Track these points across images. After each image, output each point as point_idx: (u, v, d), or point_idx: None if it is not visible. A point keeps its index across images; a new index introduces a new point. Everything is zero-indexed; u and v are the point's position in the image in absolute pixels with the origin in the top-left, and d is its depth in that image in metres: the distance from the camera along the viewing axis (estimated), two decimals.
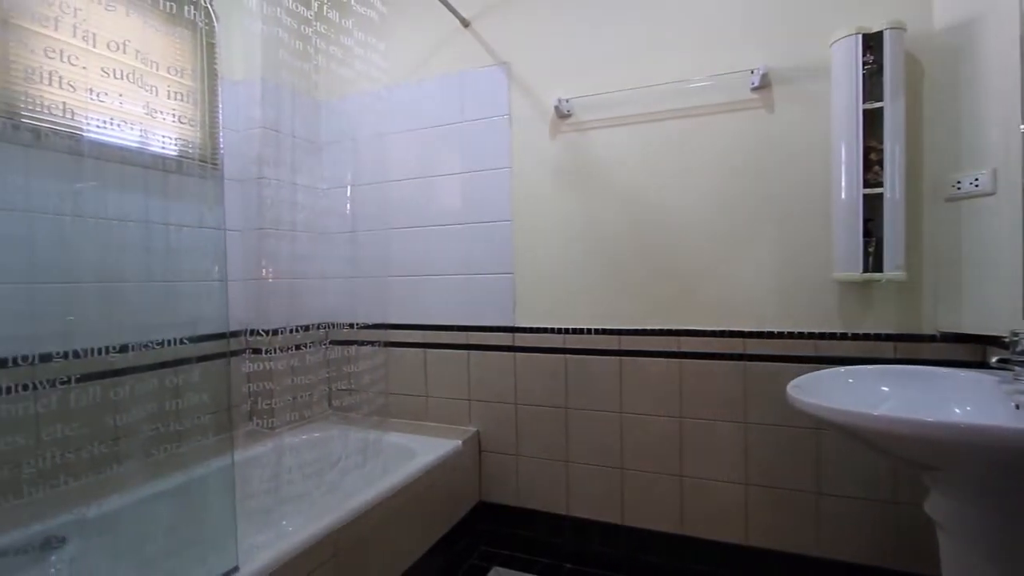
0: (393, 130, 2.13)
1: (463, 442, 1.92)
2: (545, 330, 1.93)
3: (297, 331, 1.67)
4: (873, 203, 1.45)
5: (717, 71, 1.65)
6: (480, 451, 2.04)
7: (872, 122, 1.45)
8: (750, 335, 1.66)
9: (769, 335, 1.64)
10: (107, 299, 1.26)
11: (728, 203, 1.69)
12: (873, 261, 1.47)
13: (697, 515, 1.74)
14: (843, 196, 1.48)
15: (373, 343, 1.88)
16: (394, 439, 1.90)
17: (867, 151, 1.46)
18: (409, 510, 1.62)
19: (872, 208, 1.46)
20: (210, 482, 1.30)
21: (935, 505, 1.09)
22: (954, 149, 1.42)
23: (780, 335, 1.63)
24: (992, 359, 1.13)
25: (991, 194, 1.31)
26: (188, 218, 1.43)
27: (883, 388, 1.28)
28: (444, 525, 1.81)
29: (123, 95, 1.13)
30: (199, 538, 1.23)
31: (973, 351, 1.44)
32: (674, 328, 1.75)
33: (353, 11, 1.66)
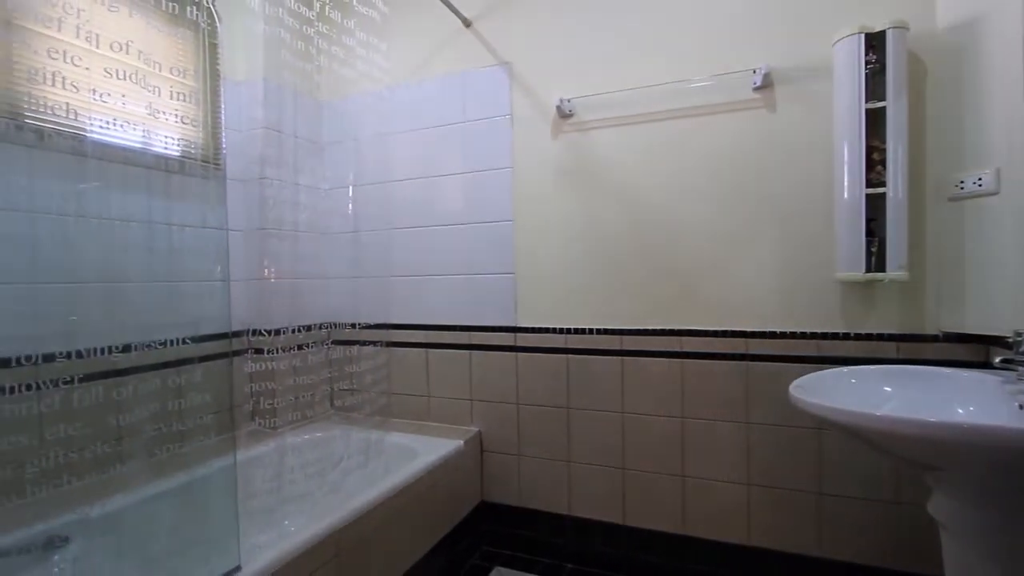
0: (395, 130, 2.13)
1: (465, 442, 1.93)
2: (547, 330, 1.93)
3: (299, 331, 1.68)
4: (876, 203, 1.45)
5: (719, 71, 1.65)
6: (482, 451, 2.04)
7: (875, 122, 1.45)
8: (752, 335, 1.66)
9: (771, 335, 1.63)
10: (110, 299, 1.27)
11: (730, 203, 1.68)
12: (876, 261, 1.46)
13: (699, 515, 1.74)
14: (846, 196, 1.48)
15: (375, 343, 1.88)
16: (396, 439, 1.90)
17: (870, 151, 1.46)
18: (411, 510, 1.62)
19: (875, 208, 1.45)
20: (212, 482, 1.31)
21: (938, 505, 1.08)
22: (957, 148, 1.42)
23: (782, 335, 1.62)
24: (995, 359, 1.13)
25: (994, 194, 1.30)
26: (190, 218, 1.44)
27: (886, 388, 1.28)
28: (446, 525, 1.81)
29: (126, 96, 1.14)
30: (201, 538, 1.24)
31: (976, 351, 1.43)
32: (676, 328, 1.75)
33: (355, 11, 1.67)
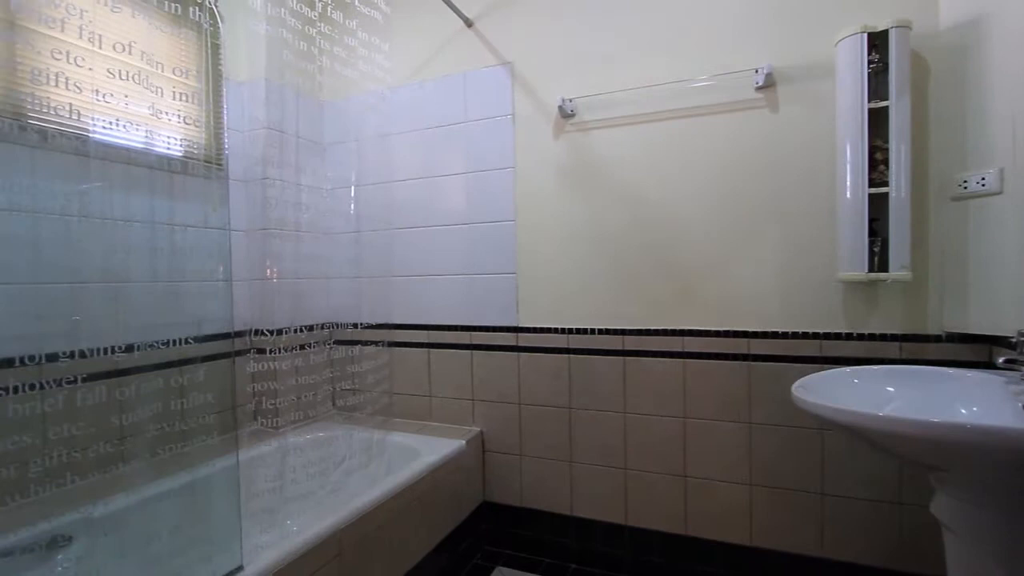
0: (397, 130, 2.13)
1: (467, 442, 1.93)
2: (548, 330, 1.93)
3: (301, 331, 1.68)
4: (878, 202, 1.45)
5: (721, 70, 1.65)
6: (484, 451, 2.04)
7: (877, 121, 1.44)
8: (754, 335, 1.65)
9: (773, 335, 1.63)
10: (113, 299, 1.27)
11: (732, 203, 1.68)
12: (878, 261, 1.46)
13: (701, 515, 1.74)
14: (848, 195, 1.47)
15: (377, 343, 1.89)
16: (398, 439, 1.90)
17: (872, 150, 1.45)
18: (413, 510, 1.62)
19: (877, 207, 1.45)
20: (215, 481, 1.31)
21: (941, 506, 1.08)
22: (960, 148, 1.42)
23: (784, 335, 1.62)
24: (999, 359, 1.13)
25: (998, 193, 1.30)
26: (193, 218, 1.44)
27: (889, 388, 1.28)
28: (448, 525, 1.81)
29: (129, 96, 1.14)
30: (204, 537, 1.24)
31: (979, 351, 1.43)
32: (678, 328, 1.75)
33: (357, 12, 1.67)
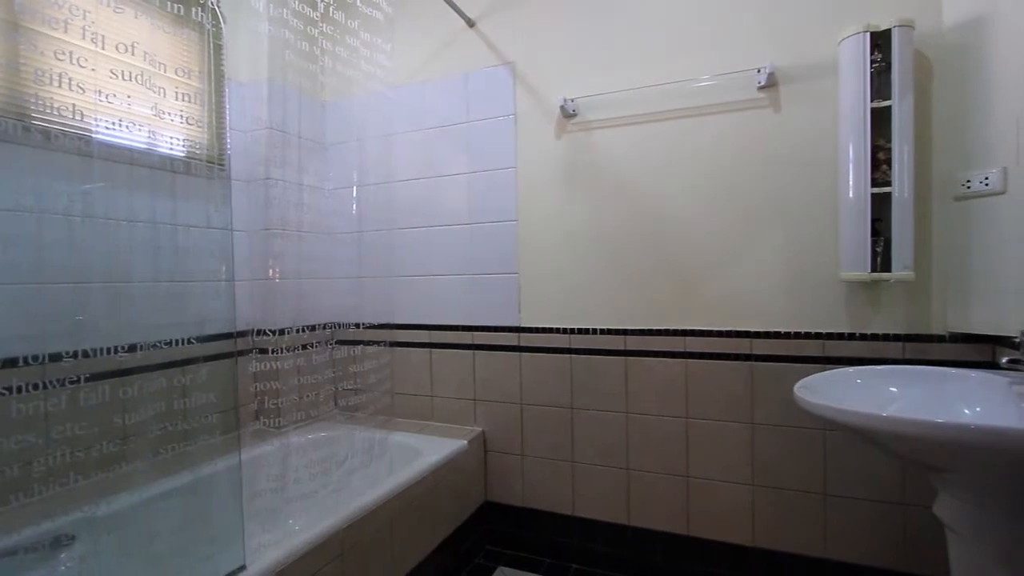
0: (398, 130, 2.13)
1: (468, 442, 1.93)
2: (550, 330, 1.93)
3: (303, 331, 1.68)
4: (881, 202, 1.44)
5: (723, 70, 1.65)
6: (486, 451, 2.04)
7: (880, 121, 1.44)
8: (756, 335, 1.65)
9: (776, 335, 1.63)
10: (116, 299, 1.27)
11: (734, 203, 1.68)
12: (881, 261, 1.46)
13: (703, 516, 1.73)
14: (851, 195, 1.47)
15: (379, 343, 1.89)
16: (400, 439, 1.91)
17: (875, 150, 1.45)
18: (415, 510, 1.62)
19: (880, 207, 1.45)
20: (217, 481, 1.31)
21: (944, 507, 1.08)
22: (963, 147, 1.41)
23: (787, 335, 1.62)
24: (1002, 359, 1.13)
25: (1001, 193, 1.29)
26: (195, 219, 1.44)
27: (892, 389, 1.28)
28: (450, 525, 1.82)
29: (131, 97, 1.14)
30: (206, 536, 1.24)
31: (983, 351, 1.43)
32: (680, 328, 1.75)
33: (359, 12, 1.67)
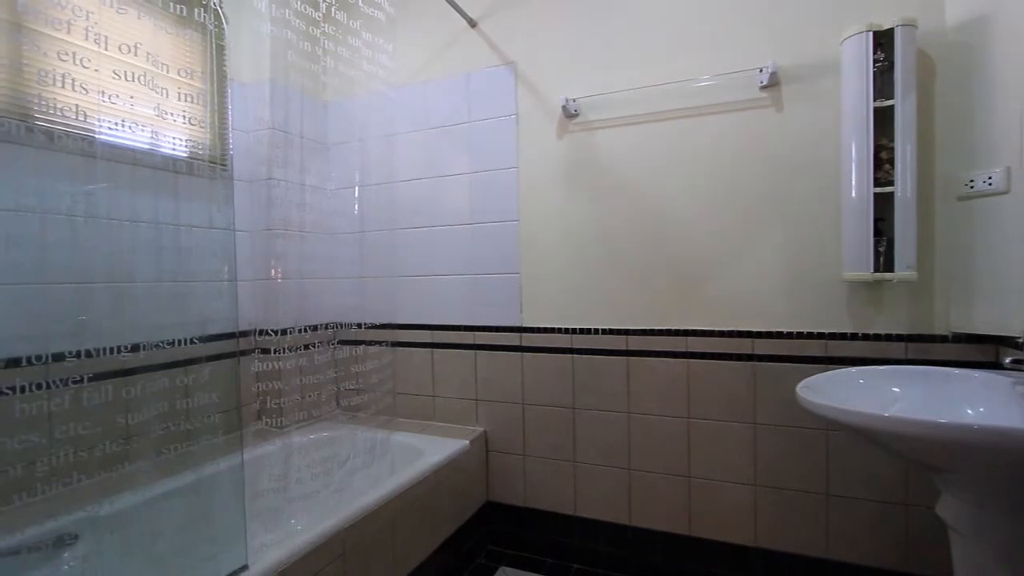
0: (400, 130, 2.14)
1: (470, 442, 1.93)
2: (552, 330, 1.93)
3: (305, 331, 1.68)
4: (884, 202, 1.44)
5: (725, 69, 1.64)
6: (487, 451, 2.04)
7: (883, 120, 1.43)
8: (759, 335, 1.65)
9: (778, 335, 1.63)
10: (118, 299, 1.27)
11: (736, 203, 1.68)
12: (884, 261, 1.45)
13: (705, 516, 1.73)
14: (853, 195, 1.47)
15: (381, 343, 1.89)
16: (401, 439, 1.91)
17: (878, 149, 1.44)
18: (417, 510, 1.62)
19: (883, 207, 1.44)
20: (220, 481, 1.31)
21: (947, 508, 1.07)
22: (967, 147, 1.41)
23: (789, 335, 1.61)
24: (1005, 360, 1.12)
25: (1005, 192, 1.29)
26: (198, 219, 1.44)
27: (894, 389, 1.27)
28: (451, 525, 1.82)
29: (134, 97, 1.15)
30: (209, 536, 1.25)
31: (986, 352, 1.42)
32: (682, 328, 1.74)
33: (361, 12, 1.67)
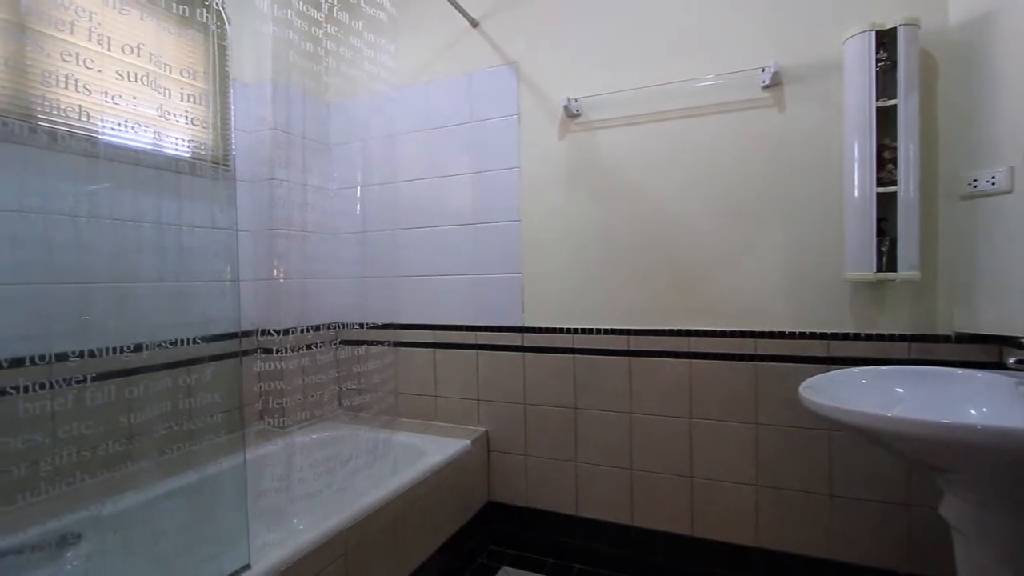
0: (402, 130, 2.14)
1: (472, 442, 1.93)
2: (554, 330, 1.93)
3: (308, 331, 1.68)
4: (886, 202, 1.44)
5: (727, 69, 1.64)
6: (489, 451, 2.04)
7: (885, 120, 1.43)
8: (761, 335, 1.64)
9: (780, 335, 1.62)
10: (121, 299, 1.28)
11: (738, 202, 1.67)
12: (887, 260, 1.45)
13: (707, 516, 1.73)
14: (856, 195, 1.46)
15: (383, 343, 1.89)
16: (403, 439, 1.91)
17: (880, 149, 1.44)
18: (418, 510, 1.62)
19: (885, 207, 1.44)
20: (222, 480, 1.31)
21: (950, 508, 1.07)
22: (970, 146, 1.40)
23: (791, 335, 1.61)
24: (1009, 360, 1.12)
25: (1008, 192, 1.29)
26: (200, 219, 1.45)
27: (897, 389, 1.27)
28: (453, 525, 1.82)
29: (137, 98, 1.15)
30: (211, 535, 1.25)
31: (989, 352, 1.42)
32: (684, 328, 1.74)
33: (363, 12, 1.67)
